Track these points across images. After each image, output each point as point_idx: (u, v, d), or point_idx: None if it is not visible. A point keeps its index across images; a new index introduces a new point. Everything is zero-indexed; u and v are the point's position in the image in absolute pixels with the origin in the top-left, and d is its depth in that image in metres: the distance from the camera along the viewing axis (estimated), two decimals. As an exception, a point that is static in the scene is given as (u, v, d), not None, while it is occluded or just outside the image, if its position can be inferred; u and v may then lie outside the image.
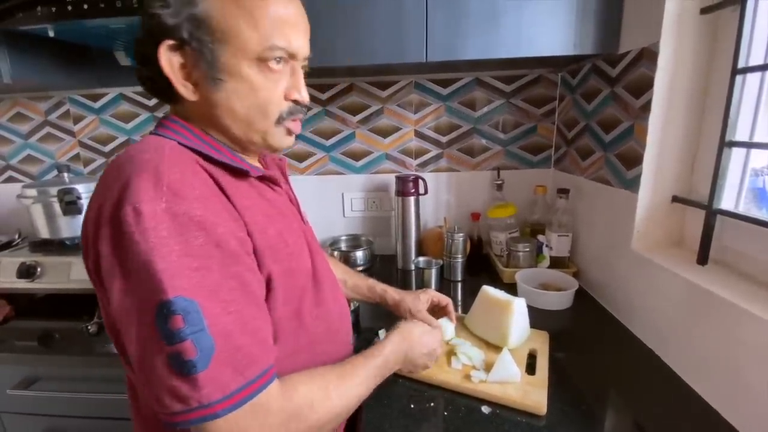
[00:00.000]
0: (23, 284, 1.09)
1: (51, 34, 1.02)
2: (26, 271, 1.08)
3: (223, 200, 0.47)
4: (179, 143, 0.49)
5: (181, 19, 0.47)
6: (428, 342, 0.69)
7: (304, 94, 0.54)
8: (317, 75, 1.27)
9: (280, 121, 0.53)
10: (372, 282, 0.85)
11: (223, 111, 0.51)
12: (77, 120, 1.44)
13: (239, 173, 0.52)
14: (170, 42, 0.47)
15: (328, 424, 0.49)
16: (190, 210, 0.42)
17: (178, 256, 0.40)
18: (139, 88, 0.83)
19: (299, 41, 0.51)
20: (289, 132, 0.55)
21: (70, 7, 0.88)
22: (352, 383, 0.53)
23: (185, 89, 0.50)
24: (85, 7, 0.88)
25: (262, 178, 0.56)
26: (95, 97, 1.41)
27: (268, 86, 0.51)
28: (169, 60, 0.48)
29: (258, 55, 0.49)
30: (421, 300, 0.80)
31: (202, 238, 0.42)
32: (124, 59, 1.33)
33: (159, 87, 0.51)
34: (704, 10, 0.75)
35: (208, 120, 0.53)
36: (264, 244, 0.49)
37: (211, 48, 0.48)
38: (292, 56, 0.52)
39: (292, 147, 0.58)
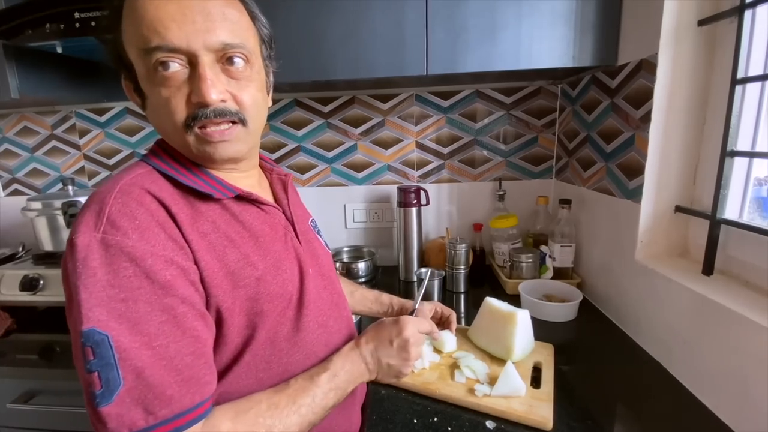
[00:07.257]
0: (26, 297, 1.09)
1: (59, 50, 1.04)
2: (29, 284, 1.08)
3: (171, 229, 0.46)
4: (155, 167, 0.51)
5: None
6: (399, 341, 0.60)
7: (203, 94, 0.46)
8: (319, 88, 1.29)
9: (187, 129, 0.48)
10: (377, 292, 0.88)
11: (156, 128, 0.52)
12: (83, 134, 1.46)
13: (206, 195, 0.51)
14: (123, 72, 0.51)
15: None
16: (123, 241, 0.42)
17: (104, 286, 0.41)
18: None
19: (182, 34, 0.45)
20: (203, 139, 0.49)
21: (78, 25, 0.90)
22: (289, 411, 0.49)
23: (145, 113, 0.53)
24: (93, 24, 0.89)
25: (242, 198, 0.54)
26: (101, 111, 1.43)
27: (166, 95, 0.47)
28: (127, 88, 0.52)
29: (147, 66, 0.46)
30: (425, 305, 0.82)
31: (131, 269, 0.42)
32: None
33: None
34: (701, 22, 0.76)
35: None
36: (218, 272, 0.48)
37: (134, 70, 0.49)
38: (189, 55, 0.46)
39: (237, 154, 0.53)
